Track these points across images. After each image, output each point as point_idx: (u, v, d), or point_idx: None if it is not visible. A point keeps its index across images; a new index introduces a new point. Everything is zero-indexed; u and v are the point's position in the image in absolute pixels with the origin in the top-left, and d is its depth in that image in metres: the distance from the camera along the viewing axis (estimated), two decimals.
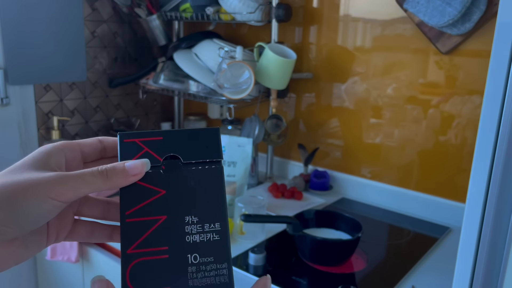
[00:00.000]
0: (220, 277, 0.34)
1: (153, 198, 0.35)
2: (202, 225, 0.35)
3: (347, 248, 1.02)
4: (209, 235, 0.35)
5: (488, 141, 0.58)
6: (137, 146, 0.36)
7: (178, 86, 1.56)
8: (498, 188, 0.58)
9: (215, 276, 0.34)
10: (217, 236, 0.35)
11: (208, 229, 0.35)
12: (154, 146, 0.36)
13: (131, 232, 0.34)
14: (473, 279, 0.63)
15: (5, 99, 1.40)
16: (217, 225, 0.35)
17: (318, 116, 1.56)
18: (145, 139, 0.37)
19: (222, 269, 0.34)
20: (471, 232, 0.62)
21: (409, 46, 1.31)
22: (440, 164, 1.31)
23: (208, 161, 0.37)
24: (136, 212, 0.34)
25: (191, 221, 0.35)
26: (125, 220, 0.34)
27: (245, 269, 0.99)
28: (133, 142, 0.36)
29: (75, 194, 0.32)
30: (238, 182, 1.27)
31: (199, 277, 0.34)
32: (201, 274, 0.34)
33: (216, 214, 0.36)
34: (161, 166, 0.36)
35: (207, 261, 0.34)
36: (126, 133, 0.37)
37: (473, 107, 1.23)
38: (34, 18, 1.41)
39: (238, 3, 1.41)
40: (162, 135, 0.37)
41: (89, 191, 0.32)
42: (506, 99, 0.56)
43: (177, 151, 0.37)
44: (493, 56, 0.57)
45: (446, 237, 1.21)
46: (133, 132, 0.37)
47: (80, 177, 0.32)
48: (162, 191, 0.35)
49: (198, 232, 0.35)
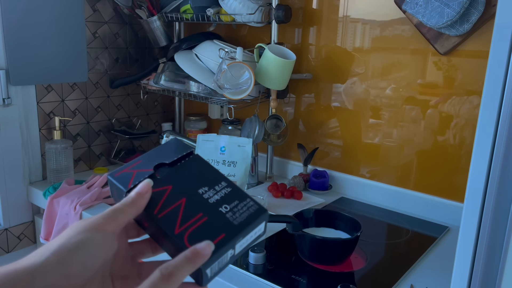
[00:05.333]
0: (251, 208, 0.44)
1: (167, 194, 0.44)
2: (214, 188, 0.45)
3: (346, 247, 1.03)
4: (223, 191, 0.45)
5: (486, 141, 0.59)
6: (127, 174, 0.45)
7: (179, 87, 1.57)
8: (496, 188, 0.59)
9: (247, 209, 0.44)
10: (228, 189, 0.46)
11: (219, 188, 0.46)
12: (139, 167, 0.46)
13: (168, 220, 0.42)
14: (472, 278, 0.63)
15: (7, 100, 1.41)
16: (223, 183, 0.46)
17: (317, 116, 1.57)
18: (130, 167, 0.46)
19: (248, 203, 0.45)
20: (469, 232, 0.62)
21: (408, 47, 1.32)
22: (439, 164, 1.31)
23: (184, 155, 0.48)
24: (161, 208, 0.43)
25: (205, 191, 0.45)
26: (158, 217, 0.42)
27: (245, 268, 1.00)
28: (123, 173, 0.46)
29: (118, 224, 0.41)
30: (238, 181, 1.27)
31: (238, 216, 0.43)
32: (238, 213, 0.43)
33: (217, 178, 0.46)
34: (155, 174, 0.45)
35: (235, 204, 0.44)
36: (114, 171, 0.46)
37: (472, 107, 1.23)
38: (36, 19, 1.42)
39: (238, 4, 1.42)
40: (140, 159, 0.47)
41: (127, 219, 0.41)
42: (504, 100, 0.56)
43: (159, 160, 0.46)
44: (491, 57, 0.57)
45: (445, 237, 1.21)
46: (117, 168, 0.46)
47: (117, 211, 0.41)
48: (169, 187, 0.45)
49: (214, 194, 0.45)
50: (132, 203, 0.41)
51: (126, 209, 0.41)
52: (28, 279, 0.35)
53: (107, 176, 0.46)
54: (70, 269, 0.36)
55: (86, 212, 1.30)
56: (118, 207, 0.41)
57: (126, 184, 0.44)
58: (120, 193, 0.45)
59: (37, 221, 1.55)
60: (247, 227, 0.43)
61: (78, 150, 1.65)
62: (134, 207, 0.41)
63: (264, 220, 0.45)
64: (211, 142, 1.30)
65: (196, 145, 1.30)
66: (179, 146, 0.49)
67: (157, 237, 0.44)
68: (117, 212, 0.41)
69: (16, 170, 1.48)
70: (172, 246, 0.41)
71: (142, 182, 0.43)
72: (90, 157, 1.69)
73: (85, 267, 0.37)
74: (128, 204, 0.41)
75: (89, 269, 0.38)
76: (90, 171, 1.68)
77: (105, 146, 1.74)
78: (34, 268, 0.35)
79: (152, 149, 0.49)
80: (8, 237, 1.51)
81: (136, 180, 0.44)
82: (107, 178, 0.46)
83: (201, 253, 0.38)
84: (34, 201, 1.52)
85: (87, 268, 0.38)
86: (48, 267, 0.35)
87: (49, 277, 0.35)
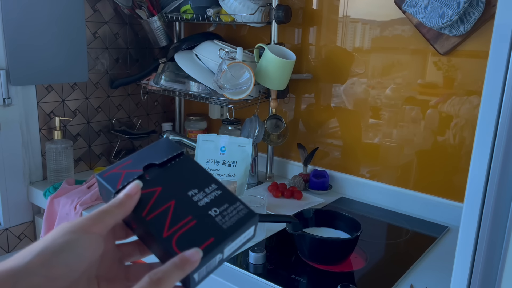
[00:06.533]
0: (241, 211, 0.43)
1: (156, 196, 0.43)
2: (203, 190, 0.44)
3: (346, 247, 1.03)
4: (213, 193, 0.44)
5: (486, 141, 0.59)
6: (116, 174, 0.44)
7: (179, 87, 1.57)
8: (496, 188, 0.59)
9: (237, 212, 0.43)
10: (219, 191, 0.45)
11: (209, 191, 0.45)
12: (128, 167, 0.45)
13: (156, 223, 0.41)
14: (471, 278, 0.63)
15: (7, 100, 1.41)
16: (213, 185, 0.45)
17: (317, 117, 1.57)
18: (119, 166, 0.45)
19: (238, 206, 0.44)
20: (469, 231, 0.62)
21: (408, 47, 1.32)
22: (439, 164, 1.32)
23: (175, 155, 0.47)
24: (150, 210, 0.42)
25: (194, 193, 0.44)
26: (146, 219, 0.41)
27: (245, 268, 1.00)
28: (112, 172, 0.45)
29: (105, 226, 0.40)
30: (238, 181, 1.27)
31: (227, 220, 0.42)
32: (227, 217, 0.42)
33: (207, 180, 0.46)
34: (145, 175, 0.44)
35: (225, 207, 0.43)
36: (103, 170, 0.45)
37: (471, 107, 1.24)
38: (36, 19, 1.42)
39: (238, 4, 1.42)
40: (129, 158, 0.46)
41: (115, 221, 0.41)
42: (504, 100, 0.56)
43: (148, 161, 0.45)
44: (491, 57, 0.57)
45: (445, 236, 1.22)
46: (107, 167, 0.45)
47: (104, 212, 0.40)
48: (158, 188, 0.44)
49: (204, 196, 0.44)
50: (120, 205, 0.41)
51: (114, 210, 0.40)
52: (11, 282, 0.34)
53: (96, 176, 0.45)
54: (54, 271, 0.36)
55: (86, 212, 1.30)
56: (106, 208, 0.40)
57: (115, 185, 0.43)
58: (109, 194, 0.44)
59: (37, 221, 1.56)
60: (236, 231, 0.42)
61: (78, 150, 1.65)
62: (122, 209, 0.41)
63: (254, 224, 0.44)
64: (211, 142, 1.30)
65: (196, 145, 1.31)
66: (170, 146, 0.48)
67: (145, 239, 0.43)
68: (104, 214, 0.40)
69: (17, 170, 1.48)
70: (160, 249, 0.41)
71: (131, 183, 0.42)
72: (90, 157, 1.70)
73: (70, 269, 0.37)
74: (116, 206, 0.41)
75: (74, 271, 0.37)
76: (90, 171, 1.68)
77: (105, 146, 1.74)
78: (17, 270, 0.35)
79: (142, 148, 0.48)
80: (8, 237, 1.51)
81: (125, 180, 0.44)
82: (96, 178, 0.45)
83: (190, 260, 0.38)
84: (34, 201, 1.52)
85: (71, 270, 0.37)
86: (31, 269, 0.35)
87: (32, 279, 0.35)
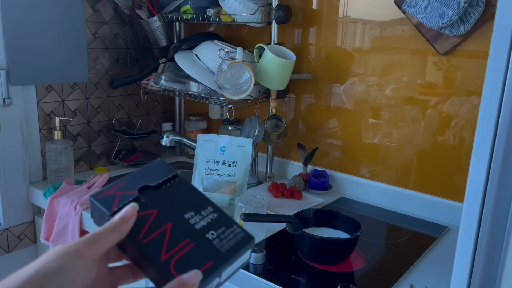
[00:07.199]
0: (238, 235, 0.43)
1: (152, 218, 0.42)
2: (200, 213, 0.44)
3: (346, 247, 1.03)
4: (210, 216, 0.44)
5: (486, 141, 0.59)
6: (110, 195, 0.44)
7: (179, 87, 1.57)
8: (496, 188, 0.59)
9: (234, 236, 0.43)
10: (215, 214, 0.44)
11: (206, 214, 0.44)
12: (123, 189, 0.44)
13: (153, 246, 0.40)
14: (471, 278, 0.63)
15: (7, 100, 1.41)
16: (210, 208, 0.45)
17: (317, 117, 1.57)
18: (113, 188, 0.45)
19: (235, 230, 0.44)
20: (469, 231, 0.62)
21: (408, 47, 1.32)
22: (438, 164, 1.32)
23: (170, 177, 0.46)
24: (147, 233, 0.41)
25: (191, 216, 0.44)
26: (143, 242, 0.41)
27: (245, 268, 1.00)
28: (106, 194, 0.44)
29: (99, 250, 0.39)
30: (238, 181, 1.27)
31: (225, 243, 0.42)
32: (225, 240, 0.42)
33: (203, 202, 0.45)
34: (140, 197, 0.44)
35: (222, 230, 0.43)
36: (97, 192, 0.44)
37: (471, 107, 1.24)
38: (36, 19, 1.42)
39: (238, 4, 1.42)
40: (123, 180, 0.46)
41: (109, 245, 0.40)
42: (503, 100, 0.57)
43: (143, 183, 0.45)
44: (491, 57, 0.57)
45: (445, 236, 1.22)
46: (101, 189, 0.45)
47: (99, 236, 0.40)
48: (154, 211, 0.43)
49: (201, 219, 0.44)
50: (115, 228, 0.40)
51: (109, 234, 0.39)
52: None
53: (89, 198, 0.44)
54: None
55: (86, 212, 1.30)
56: (101, 231, 0.39)
57: (110, 207, 0.42)
58: (103, 216, 0.43)
59: (37, 221, 1.56)
60: (234, 255, 0.42)
61: (78, 150, 1.65)
62: (117, 232, 0.40)
63: (250, 248, 0.44)
64: (211, 142, 1.30)
65: (196, 145, 1.31)
66: (164, 168, 0.47)
67: (140, 263, 0.42)
68: (99, 237, 0.39)
69: (17, 170, 1.48)
70: (157, 273, 0.40)
71: (127, 206, 0.42)
72: (90, 157, 1.70)
73: None
74: (110, 229, 0.40)
75: None
76: (91, 171, 1.68)
77: (106, 146, 1.74)
78: None
79: (135, 170, 0.47)
80: (8, 237, 1.51)
81: (120, 203, 0.43)
82: (89, 200, 0.44)
83: (188, 283, 0.37)
84: (34, 201, 1.52)
85: None
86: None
87: None
